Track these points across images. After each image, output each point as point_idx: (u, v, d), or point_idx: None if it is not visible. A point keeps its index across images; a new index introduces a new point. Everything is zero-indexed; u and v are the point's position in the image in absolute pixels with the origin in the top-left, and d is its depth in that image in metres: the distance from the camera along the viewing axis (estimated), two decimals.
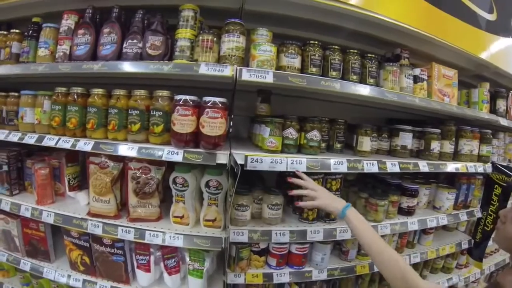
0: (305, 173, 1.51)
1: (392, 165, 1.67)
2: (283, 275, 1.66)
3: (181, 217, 1.55)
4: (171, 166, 1.56)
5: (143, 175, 1.54)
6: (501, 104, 2.48)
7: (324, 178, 1.64)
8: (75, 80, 1.75)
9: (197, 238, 1.46)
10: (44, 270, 1.67)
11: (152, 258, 1.56)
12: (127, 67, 1.46)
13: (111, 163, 1.60)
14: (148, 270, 1.58)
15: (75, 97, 1.58)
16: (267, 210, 1.60)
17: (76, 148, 1.50)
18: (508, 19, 2.75)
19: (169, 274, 1.60)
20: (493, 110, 2.46)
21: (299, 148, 1.61)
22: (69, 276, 1.64)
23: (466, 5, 2.28)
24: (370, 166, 1.59)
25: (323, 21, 1.81)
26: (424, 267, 2.23)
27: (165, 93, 1.48)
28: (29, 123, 1.72)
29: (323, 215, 1.67)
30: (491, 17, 2.54)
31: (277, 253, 1.64)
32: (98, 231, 1.51)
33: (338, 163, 1.52)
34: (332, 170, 1.51)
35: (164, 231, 1.47)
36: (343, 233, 1.65)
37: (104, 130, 1.56)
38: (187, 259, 1.56)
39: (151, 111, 1.47)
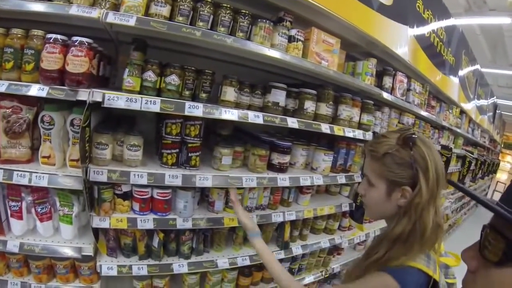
0: (158, 114, 1.57)
1: (255, 116, 1.71)
2: (147, 221, 1.65)
3: (48, 157, 1.55)
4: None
5: (14, 115, 1.51)
6: (387, 81, 2.71)
7: (184, 123, 1.63)
8: None
9: (61, 178, 1.48)
10: None
11: (23, 204, 1.53)
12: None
13: None
14: (21, 218, 1.54)
15: None
16: (126, 151, 1.60)
17: None
18: (403, 7, 2.98)
19: (41, 220, 1.56)
20: (379, 85, 2.66)
21: (159, 92, 1.59)
22: None
23: None
24: (229, 114, 1.61)
25: None
26: (304, 226, 2.33)
27: (40, 32, 1.47)
28: None
29: (183, 161, 1.66)
30: (387, 1, 2.72)
31: (139, 197, 1.64)
32: None
33: (193, 107, 1.52)
34: (187, 113, 1.51)
35: (31, 171, 1.46)
36: (203, 181, 1.65)
37: None
38: (58, 204, 1.57)
39: (25, 49, 1.47)
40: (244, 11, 1.70)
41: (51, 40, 1.41)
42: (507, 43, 7.02)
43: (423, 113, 3.38)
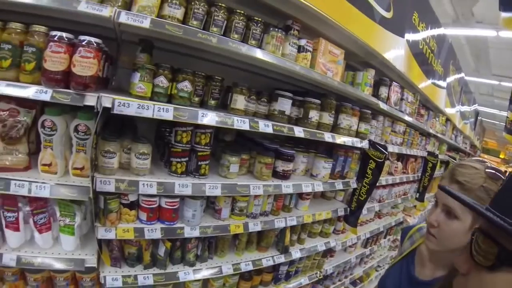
0: (171, 122, 1.51)
1: (265, 126, 1.72)
2: (155, 231, 1.62)
3: (49, 165, 1.44)
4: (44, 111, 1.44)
5: (11, 118, 1.38)
6: (383, 91, 2.80)
7: (194, 131, 1.62)
8: None
9: (64, 188, 1.39)
10: None
11: (20, 214, 1.42)
12: None
13: None
14: (17, 229, 1.43)
15: None
16: (135, 159, 1.55)
17: None
18: (402, 20, 3.08)
19: (40, 232, 1.46)
20: (376, 95, 2.75)
21: (170, 98, 1.56)
22: None
23: None
24: (240, 123, 1.62)
25: None
26: (302, 230, 2.40)
27: (42, 28, 1.34)
28: None
29: (192, 170, 1.65)
30: (387, 14, 2.79)
31: (147, 206, 1.60)
32: None
33: (205, 115, 1.51)
34: (199, 122, 1.50)
35: (31, 181, 1.35)
36: (212, 189, 1.66)
37: None
38: (58, 214, 1.47)
39: (25, 46, 1.32)
40: (257, 18, 1.71)
41: (56, 38, 1.28)
42: (491, 54, 7.35)
43: (414, 121, 3.52)
